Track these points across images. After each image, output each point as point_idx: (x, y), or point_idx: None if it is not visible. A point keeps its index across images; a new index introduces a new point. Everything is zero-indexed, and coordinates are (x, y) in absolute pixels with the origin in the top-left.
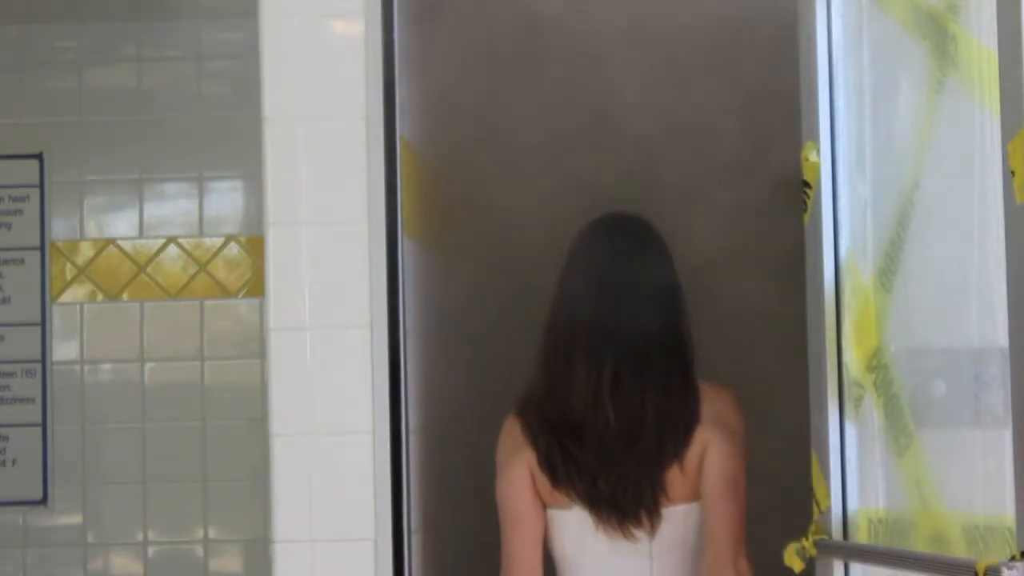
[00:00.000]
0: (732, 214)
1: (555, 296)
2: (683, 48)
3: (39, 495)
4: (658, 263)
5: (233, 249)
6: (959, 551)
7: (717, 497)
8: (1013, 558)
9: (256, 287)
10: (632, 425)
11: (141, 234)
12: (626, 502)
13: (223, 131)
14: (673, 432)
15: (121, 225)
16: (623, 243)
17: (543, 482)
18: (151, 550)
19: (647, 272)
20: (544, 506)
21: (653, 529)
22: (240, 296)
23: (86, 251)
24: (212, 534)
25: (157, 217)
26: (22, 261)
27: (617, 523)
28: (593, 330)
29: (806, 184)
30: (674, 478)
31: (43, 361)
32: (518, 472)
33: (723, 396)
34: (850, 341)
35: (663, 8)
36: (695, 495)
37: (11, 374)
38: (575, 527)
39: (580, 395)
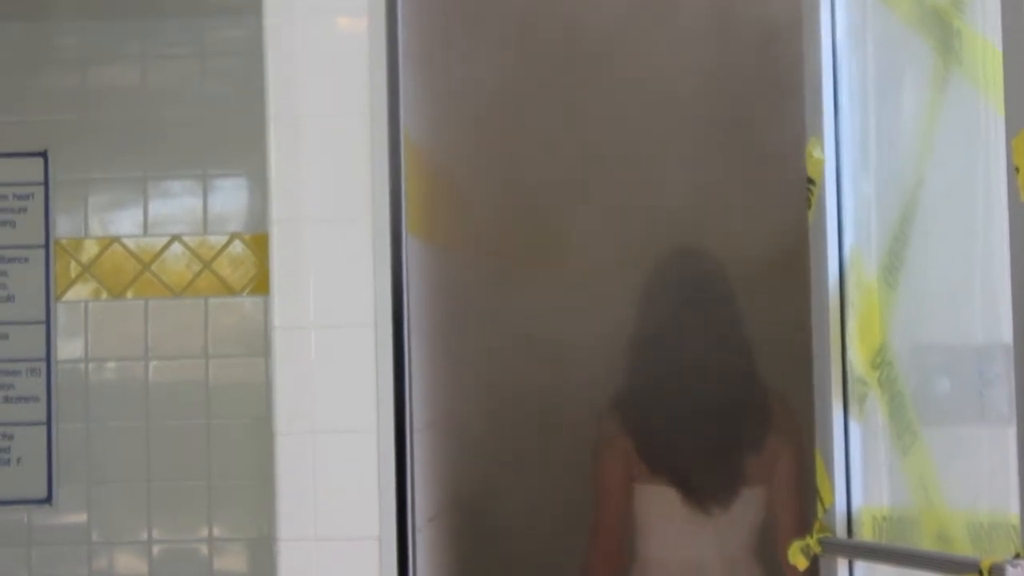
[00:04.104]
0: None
1: (637, 320)
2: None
3: (44, 494)
4: (722, 291)
5: (237, 247)
6: (963, 549)
7: (791, 494)
8: (1018, 556)
9: (260, 285)
10: (717, 423)
11: (145, 232)
12: (710, 484)
13: (227, 129)
14: (751, 428)
15: (125, 223)
16: (692, 275)
17: (639, 466)
18: (156, 549)
19: (715, 300)
20: (633, 483)
21: (727, 507)
22: (244, 294)
23: (90, 249)
24: (217, 532)
25: (161, 215)
26: (26, 259)
27: (698, 500)
28: (673, 349)
29: (810, 181)
30: (749, 466)
31: (47, 359)
32: (615, 457)
33: (783, 401)
34: (854, 338)
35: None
36: (760, 482)
37: (16, 372)
38: (660, 501)
39: (668, 399)
